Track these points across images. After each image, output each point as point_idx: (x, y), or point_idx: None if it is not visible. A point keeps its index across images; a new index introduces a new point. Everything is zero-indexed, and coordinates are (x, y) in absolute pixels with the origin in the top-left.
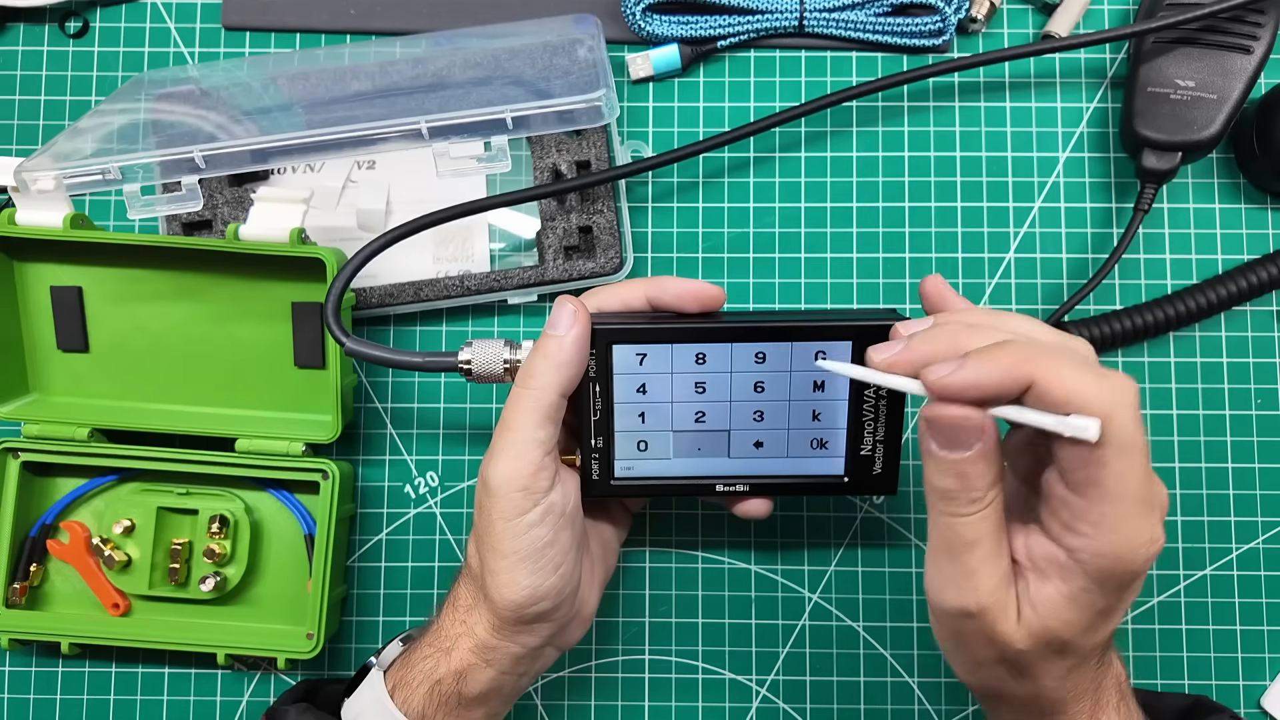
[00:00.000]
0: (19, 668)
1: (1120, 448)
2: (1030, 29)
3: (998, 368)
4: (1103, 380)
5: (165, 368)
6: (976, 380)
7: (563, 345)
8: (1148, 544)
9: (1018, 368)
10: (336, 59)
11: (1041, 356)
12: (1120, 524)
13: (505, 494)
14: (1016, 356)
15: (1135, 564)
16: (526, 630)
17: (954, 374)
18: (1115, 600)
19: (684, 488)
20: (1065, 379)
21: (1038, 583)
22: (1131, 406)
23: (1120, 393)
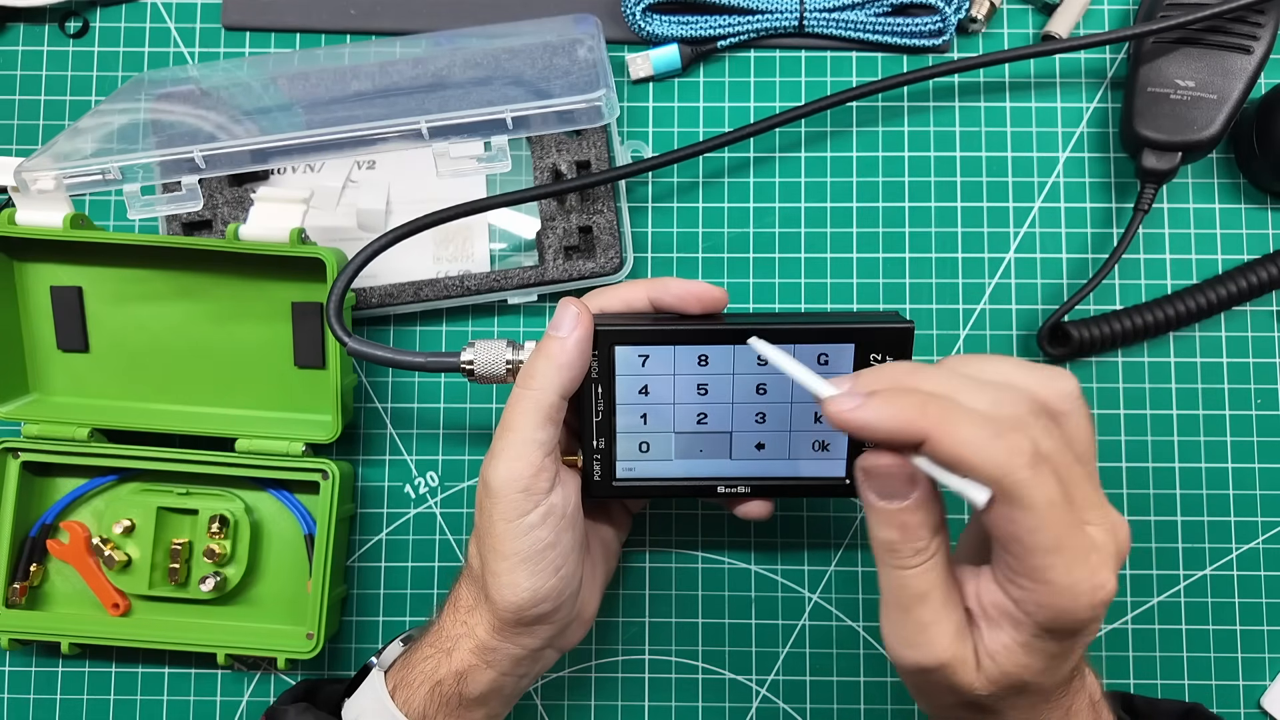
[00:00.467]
0: (19, 668)
1: (1022, 508)
2: (1030, 29)
3: (892, 416)
4: (994, 441)
5: (165, 368)
6: (867, 422)
7: (565, 347)
8: (1089, 593)
9: (912, 421)
10: (336, 59)
11: (939, 412)
12: (1051, 576)
13: (506, 495)
14: (913, 409)
15: (1079, 613)
16: (527, 632)
17: (851, 410)
18: (1071, 643)
19: (685, 489)
20: (954, 439)
21: (991, 631)
22: (1024, 467)
23: (1012, 454)
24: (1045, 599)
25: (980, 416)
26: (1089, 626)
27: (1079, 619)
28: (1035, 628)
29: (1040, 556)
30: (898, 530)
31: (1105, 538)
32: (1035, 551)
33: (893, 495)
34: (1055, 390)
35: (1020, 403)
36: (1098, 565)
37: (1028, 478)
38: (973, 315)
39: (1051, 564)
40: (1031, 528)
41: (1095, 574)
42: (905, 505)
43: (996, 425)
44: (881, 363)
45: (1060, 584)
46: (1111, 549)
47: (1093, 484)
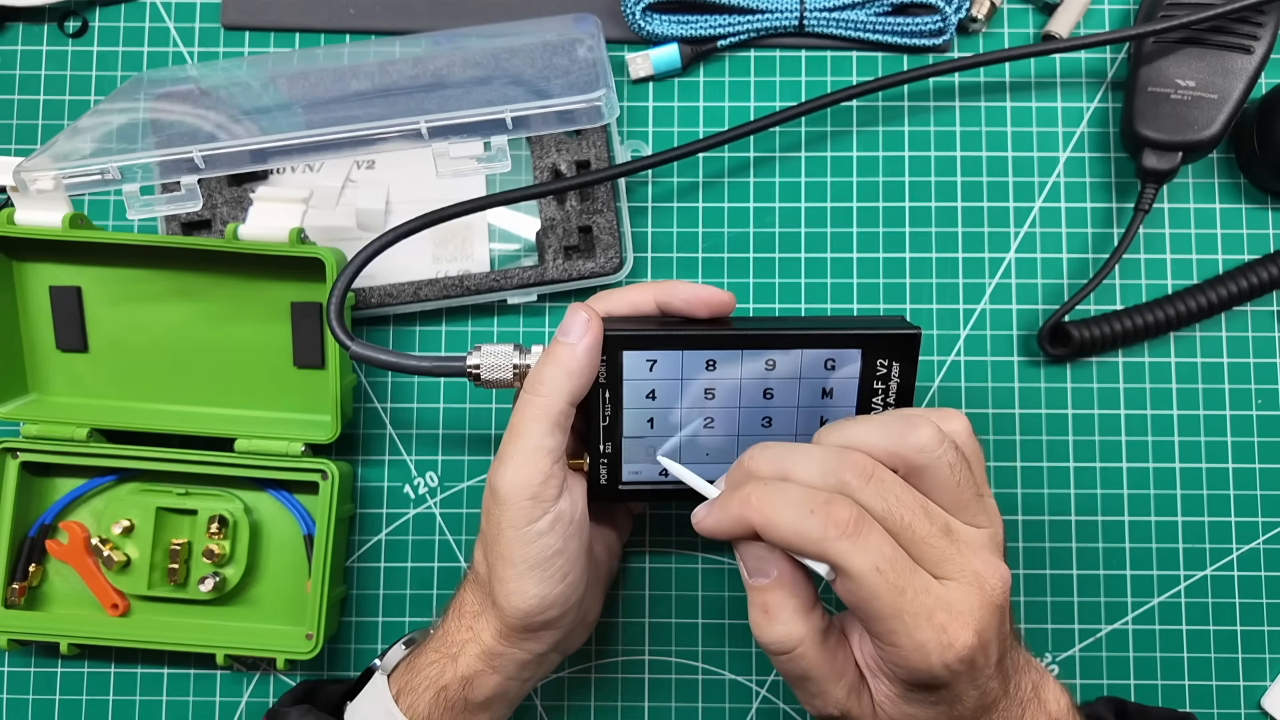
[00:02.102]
0: (18, 668)
1: (848, 578)
2: (1030, 29)
3: (727, 517)
4: (809, 518)
5: (165, 368)
6: (715, 528)
7: (574, 353)
8: (938, 651)
9: (740, 517)
10: (336, 59)
11: (760, 501)
12: (895, 640)
13: (514, 502)
14: (739, 506)
15: (933, 670)
16: (533, 637)
17: (704, 520)
18: (946, 693)
19: (692, 492)
20: (773, 524)
21: (875, 682)
22: (840, 538)
23: (826, 527)
24: (896, 659)
25: (798, 495)
26: (957, 679)
27: (935, 676)
28: (900, 682)
29: (879, 622)
30: (761, 611)
31: (962, 592)
32: (874, 618)
33: (757, 572)
34: (909, 445)
35: (849, 468)
36: (945, 623)
37: (846, 549)
38: (973, 315)
39: (892, 629)
40: (865, 596)
41: (942, 632)
42: (767, 584)
43: (812, 500)
44: (888, 369)
45: (905, 646)
46: (972, 602)
47: (949, 536)
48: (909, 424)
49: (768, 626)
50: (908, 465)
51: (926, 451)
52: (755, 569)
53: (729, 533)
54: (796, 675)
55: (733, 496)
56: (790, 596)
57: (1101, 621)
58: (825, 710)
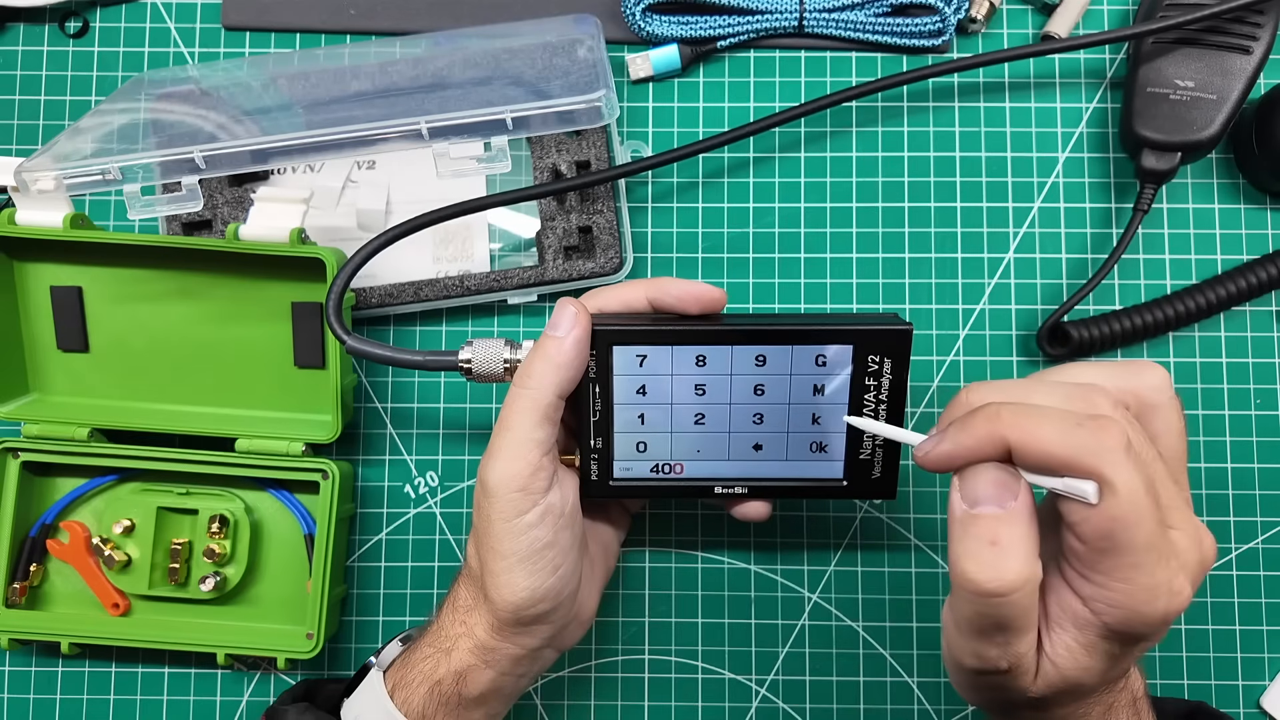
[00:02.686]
0: (19, 668)
1: (1115, 497)
2: (1030, 29)
3: (972, 437)
4: (1077, 431)
5: (165, 368)
6: (954, 452)
7: (562, 347)
8: (1167, 598)
9: (990, 433)
10: (336, 59)
11: (1013, 416)
12: (1131, 575)
13: (503, 495)
14: (986, 422)
15: (1152, 618)
16: (526, 632)
17: (935, 448)
18: (1133, 648)
19: (683, 489)
20: (1038, 440)
21: (1056, 633)
22: (1116, 450)
23: (1100, 440)
24: (1121, 599)
25: (1059, 411)
26: (1159, 631)
27: (1149, 624)
28: (1102, 628)
29: (1127, 554)
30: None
31: (1188, 544)
32: (1123, 547)
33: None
34: (1144, 383)
35: (1097, 396)
36: (1177, 570)
37: (1122, 461)
38: (972, 315)
39: (1136, 563)
40: (1125, 521)
41: (1174, 578)
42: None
43: (1076, 416)
44: (880, 365)
45: (1140, 584)
46: (1194, 557)
47: (1179, 486)
48: (1140, 365)
49: (998, 562)
50: (1141, 404)
51: (1161, 391)
52: (987, 496)
53: (970, 455)
54: (996, 621)
55: (976, 415)
56: (1028, 528)
57: None
58: (996, 663)
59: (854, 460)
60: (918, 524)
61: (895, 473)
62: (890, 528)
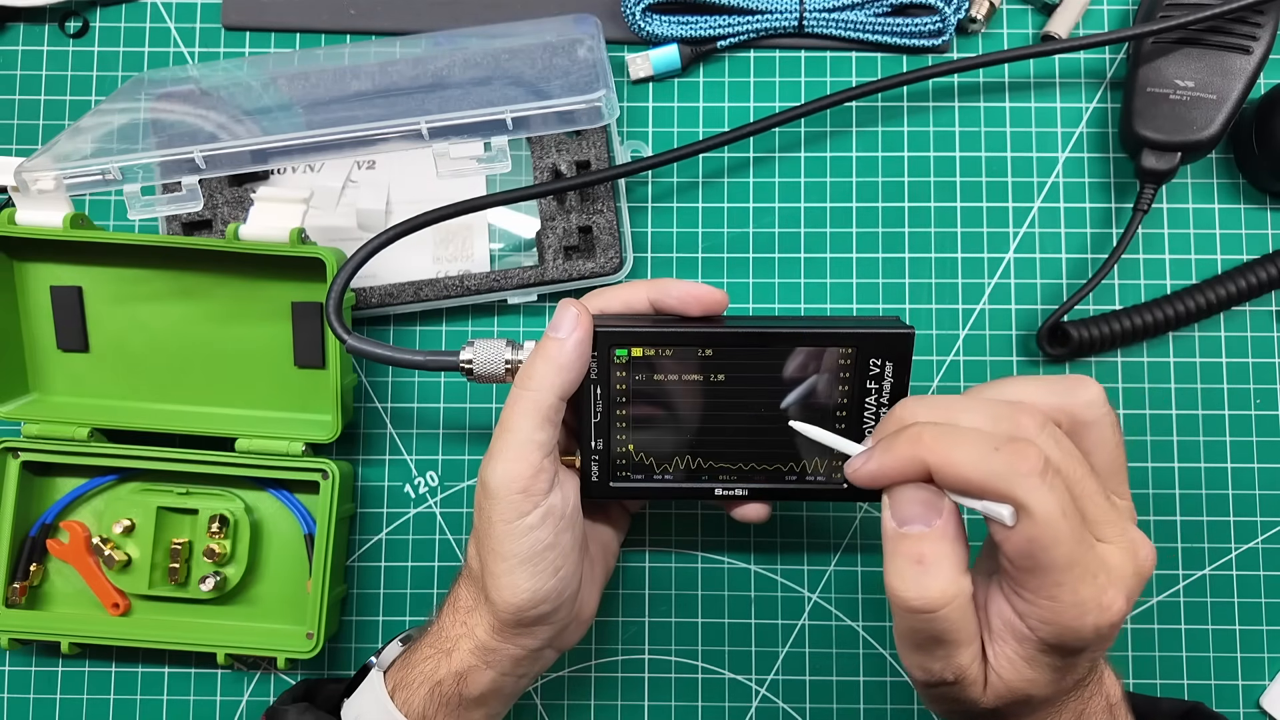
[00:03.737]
0: (19, 667)
1: (1031, 520)
2: (1030, 29)
3: (894, 459)
4: (993, 457)
5: (165, 368)
6: (878, 472)
7: (564, 348)
8: (1095, 612)
9: (911, 455)
10: (336, 59)
11: (934, 439)
12: (1055, 593)
13: (504, 496)
14: (908, 444)
15: (1083, 633)
16: (527, 632)
17: (862, 466)
18: (1075, 660)
19: (683, 491)
20: (954, 465)
21: (998, 646)
22: (1028, 475)
23: (1013, 465)
24: (1050, 616)
25: (979, 434)
26: (1094, 645)
27: (1082, 638)
28: (1039, 643)
29: (1049, 573)
30: (914, 563)
31: (1120, 558)
32: (1045, 568)
33: (915, 519)
34: (1077, 400)
35: (1022, 416)
36: (1105, 585)
37: (1036, 486)
38: (972, 315)
39: (1059, 581)
40: (1043, 542)
41: (1103, 593)
42: (927, 533)
43: (995, 440)
44: (881, 369)
45: (1066, 601)
46: (1127, 569)
47: (1109, 500)
48: (1073, 381)
49: (922, 579)
50: (1073, 421)
51: (1095, 407)
52: (913, 515)
53: (892, 475)
54: (931, 636)
55: (899, 436)
56: (954, 547)
57: None
58: (941, 675)
59: None
60: None
61: None
62: None
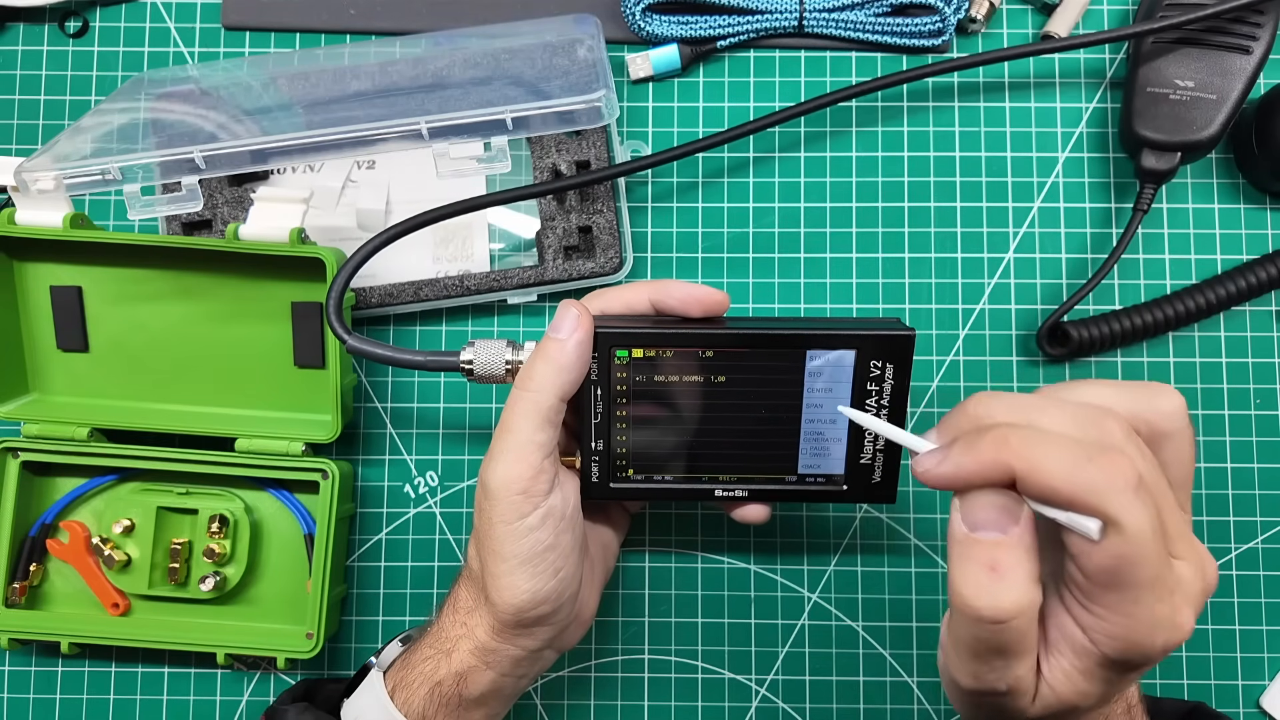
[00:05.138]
0: (19, 667)
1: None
2: (1030, 29)
3: (976, 462)
4: (1087, 466)
5: (165, 368)
6: (957, 475)
7: (564, 349)
8: (1168, 631)
9: (995, 460)
10: (336, 59)
11: (1021, 444)
12: (1133, 610)
13: (505, 497)
14: (993, 448)
15: (1150, 651)
16: (527, 633)
17: (937, 467)
18: (1131, 675)
19: (683, 492)
20: (1045, 474)
21: (1054, 659)
22: (1124, 490)
23: (1109, 478)
24: (1120, 632)
25: (1070, 442)
26: (1154, 662)
27: (1149, 656)
28: (1101, 657)
29: (1130, 590)
30: (987, 570)
31: (1192, 575)
32: (1125, 584)
33: (989, 525)
34: (1159, 409)
35: (1110, 423)
36: (1180, 603)
37: (1129, 503)
38: (972, 315)
39: (1138, 598)
40: (1130, 559)
41: (1177, 612)
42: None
43: (1088, 450)
44: (882, 370)
45: (1141, 619)
46: (1197, 587)
47: (1184, 514)
48: (1153, 389)
49: (994, 588)
50: (1153, 430)
51: (1176, 418)
52: (988, 521)
53: (972, 479)
54: (994, 646)
55: (981, 439)
56: (1028, 556)
57: None
58: (994, 685)
59: (854, 464)
60: (918, 524)
61: (895, 477)
62: (890, 528)
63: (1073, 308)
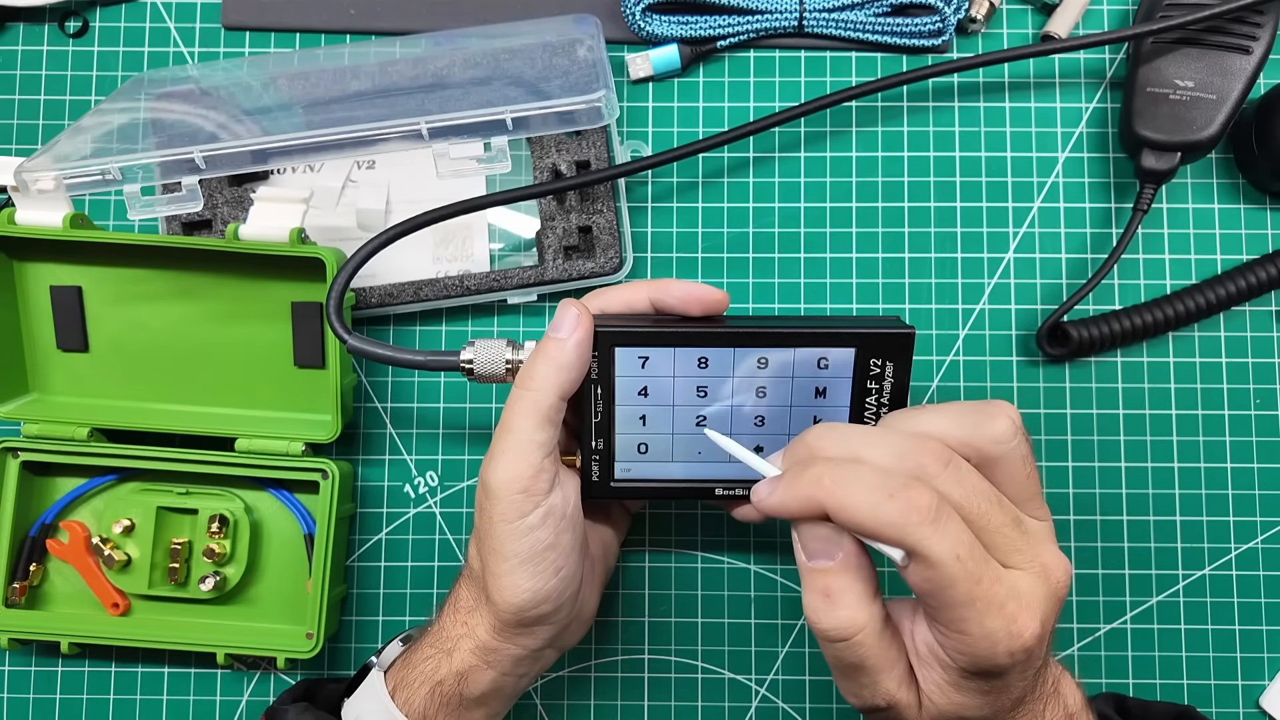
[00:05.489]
0: (19, 667)
1: (927, 564)
2: (1030, 29)
3: (795, 499)
4: (887, 502)
5: (165, 368)
6: (781, 507)
7: (564, 348)
8: (1006, 640)
9: (810, 496)
10: (336, 59)
11: (833, 482)
12: (965, 627)
13: (505, 496)
14: (809, 485)
15: (996, 659)
16: (528, 632)
17: (766, 499)
18: (999, 681)
19: (683, 491)
20: (849, 510)
21: (925, 671)
22: (922, 524)
23: (907, 512)
24: (963, 647)
25: (875, 478)
26: (1015, 669)
27: (998, 665)
28: (960, 670)
29: (951, 610)
30: (821, 595)
31: (1031, 582)
32: (947, 605)
33: (820, 554)
34: (985, 435)
35: (927, 453)
36: (1016, 613)
37: (927, 534)
38: (972, 315)
39: (964, 616)
40: (941, 583)
41: (1012, 622)
42: (830, 567)
43: (890, 485)
44: (882, 369)
45: (973, 634)
46: (1040, 592)
47: (1020, 527)
48: (984, 414)
49: (828, 611)
50: (981, 455)
51: (1002, 443)
52: (817, 551)
53: (794, 513)
54: (850, 664)
55: (801, 476)
56: (855, 581)
57: (1100, 621)
58: (872, 701)
59: None
60: None
61: None
62: None
63: (1073, 308)
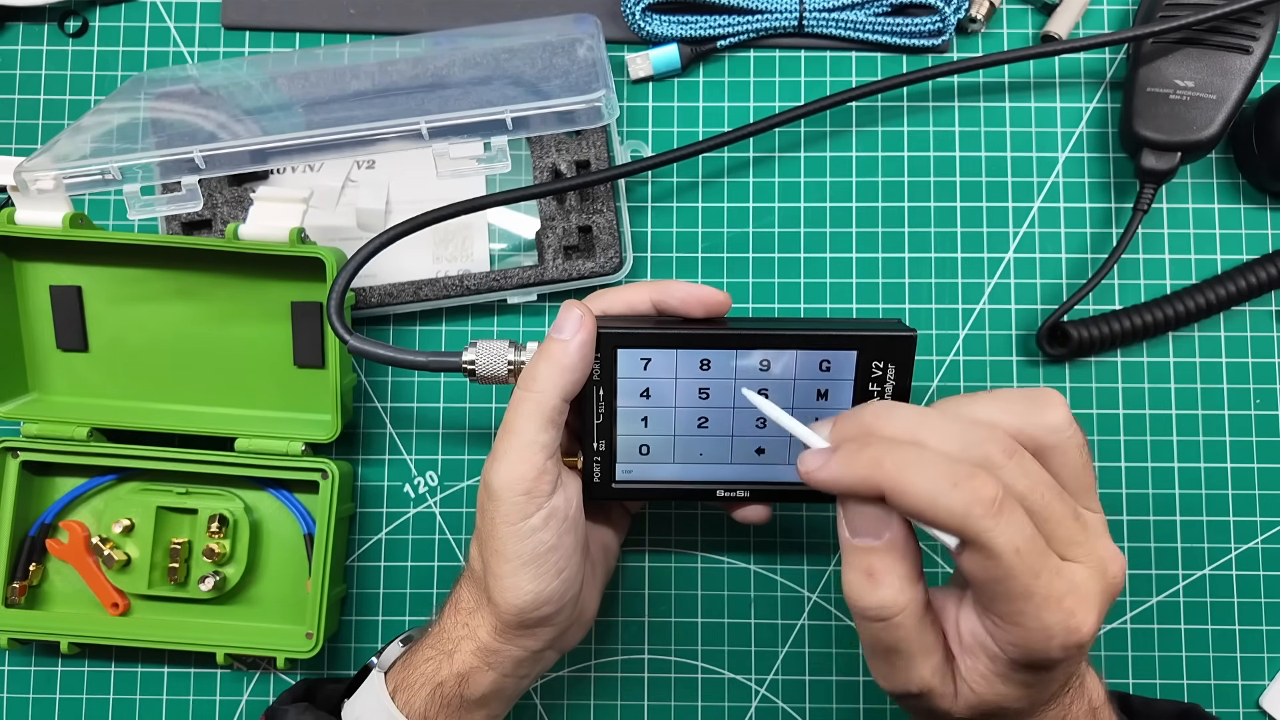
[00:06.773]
0: (18, 667)
1: (987, 556)
2: (1030, 29)
3: (849, 473)
4: (952, 491)
5: (165, 367)
6: (833, 482)
7: (567, 350)
8: (1063, 635)
9: (869, 476)
10: (336, 59)
11: (895, 465)
12: (1021, 620)
13: (508, 498)
14: (868, 465)
15: (1049, 653)
16: (529, 634)
17: (818, 471)
18: (1046, 676)
19: (685, 492)
20: (910, 493)
21: (968, 659)
22: (985, 516)
23: (971, 503)
24: (1015, 639)
25: (940, 466)
26: (1066, 663)
27: (1051, 659)
28: (1009, 662)
29: (1008, 602)
30: (864, 574)
31: (1087, 576)
32: (1004, 597)
33: (866, 532)
34: (1042, 425)
35: (993, 442)
36: (1074, 607)
37: (989, 526)
38: (972, 315)
39: (1020, 609)
40: (999, 575)
41: (1070, 617)
42: (876, 546)
43: (955, 473)
44: (884, 371)
45: (1029, 627)
46: (1096, 587)
47: (1079, 520)
48: (1039, 403)
49: (870, 590)
50: (1038, 445)
51: (1059, 432)
52: (864, 529)
53: (847, 489)
54: (886, 645)
55: (859, 454)
56: (900, 562)
57: None
58: (905, 687)
59: None
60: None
61: None
62: None
63: (1073, 308)
